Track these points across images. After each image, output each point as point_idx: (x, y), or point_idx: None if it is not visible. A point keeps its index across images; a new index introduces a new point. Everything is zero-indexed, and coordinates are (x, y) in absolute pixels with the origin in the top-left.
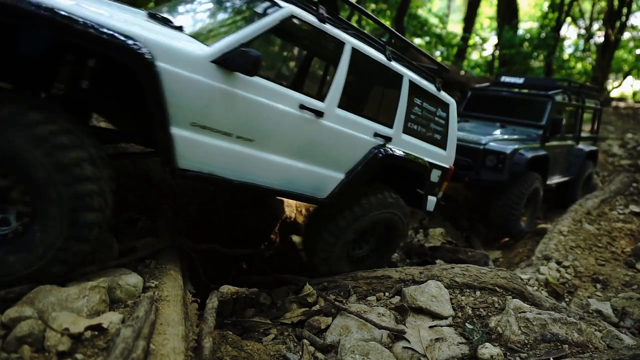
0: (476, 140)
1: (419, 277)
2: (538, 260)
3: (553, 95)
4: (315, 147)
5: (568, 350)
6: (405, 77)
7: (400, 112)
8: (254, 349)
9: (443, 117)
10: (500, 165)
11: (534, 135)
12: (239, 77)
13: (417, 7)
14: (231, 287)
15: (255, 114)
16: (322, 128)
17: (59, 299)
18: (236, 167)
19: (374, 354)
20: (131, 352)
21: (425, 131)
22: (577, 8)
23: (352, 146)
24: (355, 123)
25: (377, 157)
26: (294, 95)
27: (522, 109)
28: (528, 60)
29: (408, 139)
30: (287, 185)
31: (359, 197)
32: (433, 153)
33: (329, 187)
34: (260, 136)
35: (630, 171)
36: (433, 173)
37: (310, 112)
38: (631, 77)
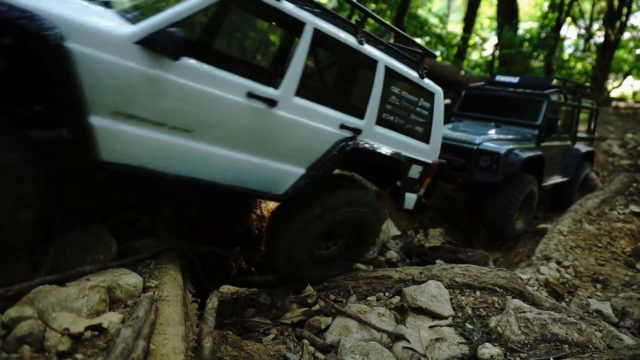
0: (470, 140)
1: (419, 277)
2: (538, 260)
3: (549, 95)
4: (268, 140)
5: (568, 350)
6: (381, 62)
7: (374, 101)
8: (254, 349)
9: (426, 107)
10: (494, 165)
11: (529, 135)
12: (170, 61)
13: (417, 7)
14: (231, 287)
15: (192, 103)
16: (276, 119)
17: (58, 299)
18: (172, 160)
19: (374, 354)
20: (131, 352)
21: (404, 123)
22: (577, 8)
23: (313, 139)
24: (317, 113)
25: (343, 152)
26: (240, 81)
27: (517, 109)
28: (528, 60)
29: (382, 132)
30: (235, 180)
31: (321, 194)
32: (413, 147)
33: (286, 183)
34: (200, 127)
35: (630, 171)
36: (412, 169)
37: (261, 100)
38: (631, 77)
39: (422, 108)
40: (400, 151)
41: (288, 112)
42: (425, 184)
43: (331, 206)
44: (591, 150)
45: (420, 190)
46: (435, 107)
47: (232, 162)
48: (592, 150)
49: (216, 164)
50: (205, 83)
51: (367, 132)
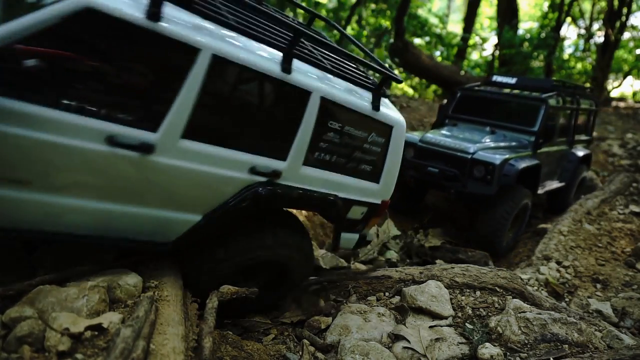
0: (464, 148)
1: (419, 277)
2: (538, 260)
3: (546, 99)
4: (147, 190)
5: (568, 350)
6: (315, 94)
7: (302, 140)
8: (254, 348)
9: (378, 143)
10: (488, 176)
11: (525, 142)
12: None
13: (417, 7)
14: (231, 287)
15: (22, 151)
16: (154, 167)
17: (58, 299)
18: (10, 214)
19: (374, 354)
20: (131, 352)
21: (344, 162)
22: (577, 8)
23: (209, 187)
24: (215, 158)
25: (254, 198)
26: (94, 125)
27: (514, 113)
28: (528, 60)
29: (312, 173)
30: (102, 231)
31: (226, 238)
32: (354, 187)
33: (176, 231)
34: (40, 177)
35: (630, 171)
36: (353, 210)
37: (130, 148)
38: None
39: (372, 144)
40: (333, 193)
41: (171, 159)
42: (372, 224)
43: (241, 247)
44: (588, 153)
45: (364, 229)
46: (392, 142)
47: (96, 213)
48: (589, 153)
49: (71, 215)
50: (41, 128)
51: (289, 174)
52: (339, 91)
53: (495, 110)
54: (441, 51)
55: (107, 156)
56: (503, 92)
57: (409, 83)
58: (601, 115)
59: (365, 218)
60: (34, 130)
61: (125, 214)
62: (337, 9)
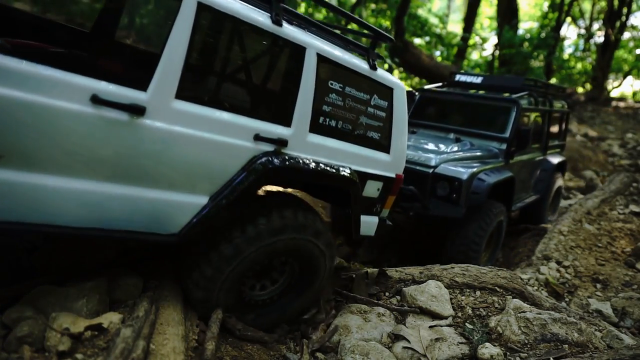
0: (423, 161)
1: (419, 277)
2: (538, 260)
3: (517, 100)
4: (142, 162)
5: (568, 350)
6: (310, 49)
7: (304, 103)
8: (254, 348)
9: (382, 107)
10: (454, 195)
11: (496, 151)
12: None
13: (417, 7)
14: None
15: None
16: (147, 133)
17: (58, 299)
18: None
19: (374, 354)
20: (131, 352)
21: (352, 129)
22: (577, 8)
23: (212, 158)
24: (215, 122)
25: (264, 170)
26: (78, 81)
27: (482, 117)
28: (528, 60)
29: (320, 141)
30: (96, 221)
31: (241, 220)
32: (367, 158)
33: (182, 218)
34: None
35: (630, 171)
36: (369, 186)
37: (118, 108)
38: (631, 77)
39: (376, 108)
40: (346, 165)
41: (166, 122)
42: (389, 203)
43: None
44: (563, 160)
45: (382, 210)
46: (396, 106)
47: (86, 196)
48: (564, 160)
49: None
50: (11, 84)
51: (296, 143)
52: (334, 49)
53: (460, 115)
54: (441, 51)
55: (93, 119)
56: (468, 93)
57: (409, 83)
58: (601, 115)
59: (381, 196)
60: (7, 88)
61: (119, 198)
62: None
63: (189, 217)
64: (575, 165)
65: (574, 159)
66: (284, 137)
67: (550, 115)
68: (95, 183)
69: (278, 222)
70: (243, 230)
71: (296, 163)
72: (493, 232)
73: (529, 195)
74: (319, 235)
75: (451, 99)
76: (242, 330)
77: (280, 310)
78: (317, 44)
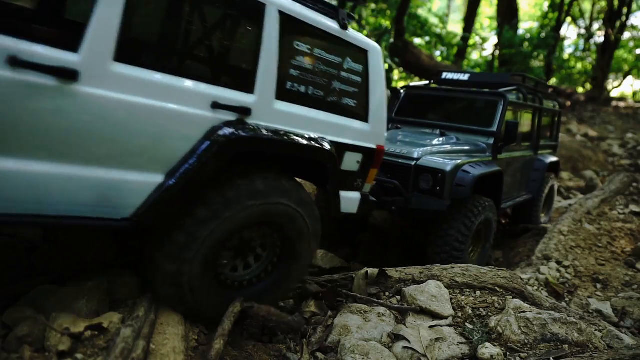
0: (405, 154)
1: (419, 277)
2: (538, 260)
3: (505, 94)
4: (77, 137)
5: (568, 350)
6: (271, 6)
7: (267, 66)
8: (255, 348)
9: (356, 71)
10: (437, 187)
11: (483, 146)
12: None
13: (417, 7)
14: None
15: None
16: (81, 100)
17: (58, 299)
18: None
19: (374, 353)
20: (131, 351)
21: (324, 95)
22: (577, 8)
23: (165, 129)
24: (163, 88)
25: (225, 142)
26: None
27: (468, 112)
28: (528, 60)
29: (289, 109)
30: (25, 207)
31: (206, 193)
32: (344, 128)
33: (133, 201)
34: None
35: (630, 171)
36: (347, 158)
37: (42, 72)
38: (631, 77)
39: (350, 72)
40: (321, 135)
41: (105, 89)
42: (371, 177)
43: (230, 199)
44: (556, 160)
45: (364, 185)
46: (372, 70)
47: (12, 178)
48: (557, 160)
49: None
50: None
51: (262, 111)
52: (298, 6)
53: (446, 111)
54: (441, 51)
55: (14, 85)
56: (454, 89)
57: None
58: (601, 115)
59: (362, 170)
60: None
61: (55, 179)
62: None
63: (142, 198)
64: (575, 165)
65: (574, 159)
66: (247, 105)
67: (540, 113)
68: (25, 162)
69: (259, 184)
70: (221, 193)
71: (262, 133)
72: (480, 229)
73: (520, 194)
74: (302, 204)
75: (437, 95)
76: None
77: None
78: (279, 0)
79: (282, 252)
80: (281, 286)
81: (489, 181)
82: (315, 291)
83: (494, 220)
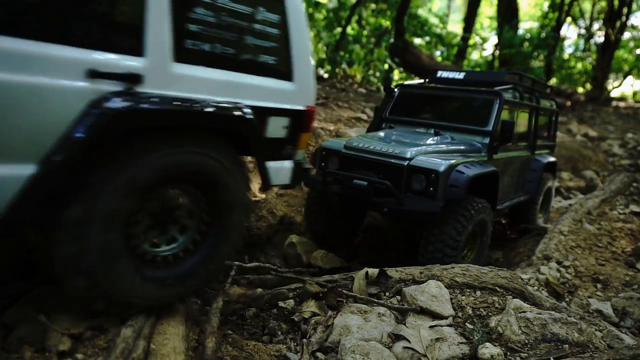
0: (398, 154)
1: (419, 277)
2: (538, 260)
3: (500, 92)
4: None
5: (568, 350)
6: None
7: (157, 22)
8: (255, 348)
9: (273, 22)
10: (430, 188)
11: (478, 146)
12: None
13: (417, 7)
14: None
15: None
16: None
17: (58, 299)
18: None
19: (374, 353)
20: (131, 351)
21: (235, 53)
22: (577, 8)
23: (25, 108)
24: (15, 56)
25: (107, 118)
26: None
27: (463, 111)
28: (528, 60)
29: (193, 72)
30: None
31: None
32: (263, 89)
33: None
34: None
35: (630, 171)
36: (272, 123)
37: None
38: (631, 77)
39: (265, 24)
40: (235, 100)
41: None
42: (303, 143)
43: (131, 154)
44: (554, 160)
45: (296, 153)
46: (292, 20)
47: None
48: (555, 160)
49: None
50: None
51: (157, 77)
52: None
53: (441, 110)
54: (441, 51)
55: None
56: (449, 87)
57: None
58: (601, 115)
59: (291, 135)
60: None
61: None
62: (337, 9)
63: (10, 194)
64: (575, 165)
65: (574, 159)
66: (136, 70)
67: (537, 113)
68: None
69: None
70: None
71: (157, 103)
72: (475, 231)
73: (517, 195)
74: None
75: (431, 94)
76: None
77: (196, 268)
78: None
79: (212, 216)
80: (217, 256)
81: (484, 182)
82: (316, 291)
83: (489, 222)
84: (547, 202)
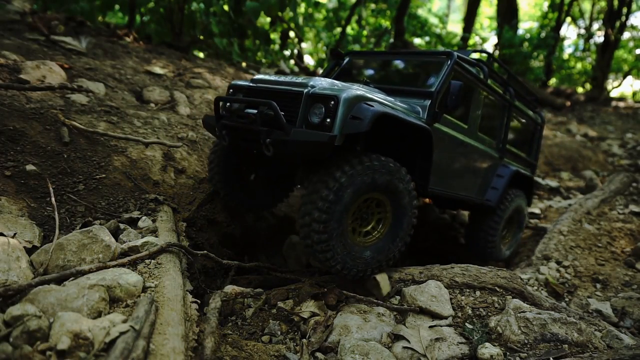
0: (301, 81)
1: (419, 277)
2: (538, 260)
3: (453, 52)
4: None
5: (568, 350)
6: None
7: None
8: (254, 348)
9: None
10: (328, 119)
11: (418, 109)
12: None
13: (417, 7)
14: (235, 288)
15: None
16: None
17: (58, 299)
18: None
19: (373, 353)
20: (131, 351)
21: None
22: (577, 8)
23: None
24: None
25: None
26: None
27: (412, 76)
28: (528, 60)
29: None
30: None
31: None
32: None
33: None
34: None
35: (630, 171)
36: None
37: None
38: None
39: None
40: None
41: None
42: None
43: None
44: (528, 175)
45: None
46: None
47: None
48: (531, 177)
49: None
50: None
51: None
52: None
53: (390, 76)
54: None
55: None
56: (400, 52)
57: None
58: (601, 115)
59: None
60: None
61: None
62: (337, 9)
63: None
64: (575, 165)
65: (573, 159)
66: None
67: (510, 110)
68: None
69: None
70: None
71: None
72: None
73: (468, 193)
74: None
75: (382, 61)
76: None
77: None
78: None
79: None
80: None
81: (411, 143)
82: (315, 291)
83: (406, 193)
84: (516, 227)
